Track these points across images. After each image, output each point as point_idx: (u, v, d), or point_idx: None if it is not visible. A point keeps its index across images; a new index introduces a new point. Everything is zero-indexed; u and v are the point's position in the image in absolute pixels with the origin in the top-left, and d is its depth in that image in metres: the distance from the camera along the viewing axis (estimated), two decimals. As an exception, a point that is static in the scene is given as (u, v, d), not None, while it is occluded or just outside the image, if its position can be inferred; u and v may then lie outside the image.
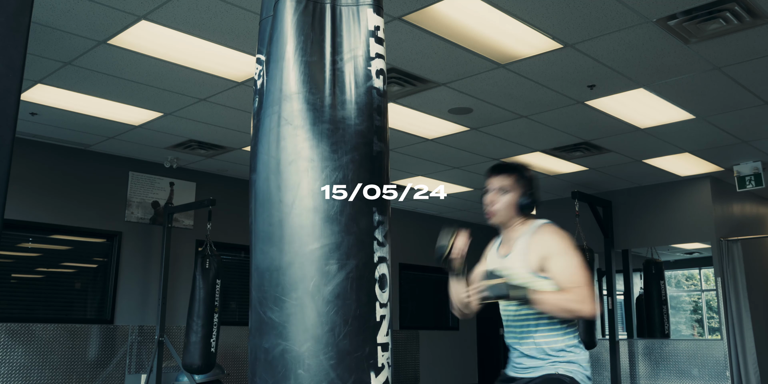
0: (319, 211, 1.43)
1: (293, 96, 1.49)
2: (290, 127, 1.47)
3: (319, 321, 1.37)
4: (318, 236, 1.41)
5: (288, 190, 1.45)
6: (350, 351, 1.38)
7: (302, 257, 1.41)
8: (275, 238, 1.44)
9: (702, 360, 7.14)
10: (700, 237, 7.46)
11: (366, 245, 1.45)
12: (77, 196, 6.51)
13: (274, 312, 1.39)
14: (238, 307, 7.57)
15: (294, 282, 1.39)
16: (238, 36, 4.14)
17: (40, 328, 6.04)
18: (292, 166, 1.45)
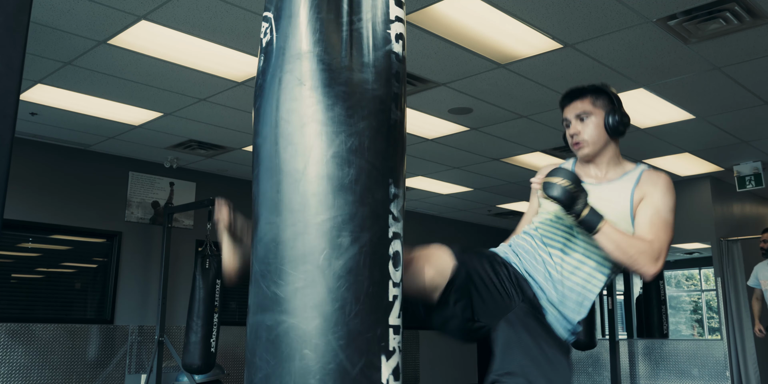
0: (333, 179, 1.31)
1: (307, 54, 1.37)
2: (303, 88, 1.35)
3: (329, 297, 1.25)
4: (330, 206, 1.29)
5: (299, 155, 1.32)
6: (361, 331, 1.26)
7: (313, 228, 1.29)
8: (283, 208, 1.32)
9: (702, 360, 7.14)
10: (700, 237, 7.46)
11: (381, 218, 1.34)
12: (77, 196, 6.51)
13: (280, 286, 1.27)
14: (237, 307, 7.57)
15: (303, 254, 1.28)
16: (238, 36, 4.13)
17: (40, 328, 6.04)
18: (304, 130, 1.33)
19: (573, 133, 2.08)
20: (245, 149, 6.56)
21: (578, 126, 2.08)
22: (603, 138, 2.07)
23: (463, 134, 6.10)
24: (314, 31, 1.39)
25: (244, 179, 7.75)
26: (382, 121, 1.39)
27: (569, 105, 2.12)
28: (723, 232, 7.47)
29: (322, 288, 1.26)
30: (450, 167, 7.27)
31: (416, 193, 8.52)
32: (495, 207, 9.44)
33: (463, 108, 5.41)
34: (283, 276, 1.28)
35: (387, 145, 1.39)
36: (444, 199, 8.84)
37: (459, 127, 5.92)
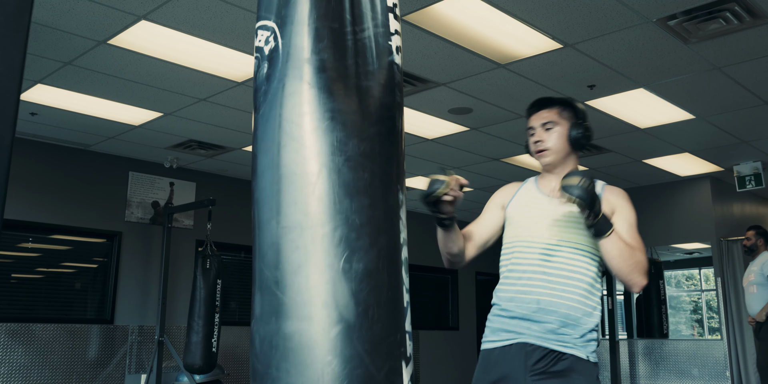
0: (349, 183, 1.30)
1: (315, 60, 1.37)
2: (313, 92, 1.34)
3: (352, 301, 1.23)
4: (347, 210, 1.28)
5: (311, 159, 1.31)
6: (383, 336, 1.24)
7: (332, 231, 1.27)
8: (297, 212, 1.29)
9: (702, 360, 7.14)
10: (700, 237, 7.46)
11: (394, 223, 1.34)
12: (77, 196, 6.51)
13: (300, 292, 1.23)
14: (238, 307, 7.57)
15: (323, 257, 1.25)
16: (238, 36, 4.14)
17: (40, 328, 6.04)
18: (317, 133, 1.32)
19: (537, 140, 2.17)
20: (245, 149, 6.57)
21: (543, 134, 2.16)
22: (566, 148, 2.17)
23: (463, 134, 6.10)
24: (321, 38, 1.40)
25: (245, 179, 7.75)
26: (390, 129, 1.41)
27: (536, 114, 2.20)
28: (723, 232, 7.47)
29: (345, 292, 1.23)
30: (450, 167, 7.27)
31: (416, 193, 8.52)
32: (495, 207, 9.43)
33: (463, 108, 5.41)
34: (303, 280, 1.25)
35: (395, 151, 1.40)
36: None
37: (459, 127, 5.92)
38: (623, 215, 2.12)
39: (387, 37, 1.49)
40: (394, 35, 1.50)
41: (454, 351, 10.00)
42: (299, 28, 1.41)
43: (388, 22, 1.51)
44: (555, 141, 2.16)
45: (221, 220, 7.21)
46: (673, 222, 7.66)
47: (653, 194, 7.85)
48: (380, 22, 1.49)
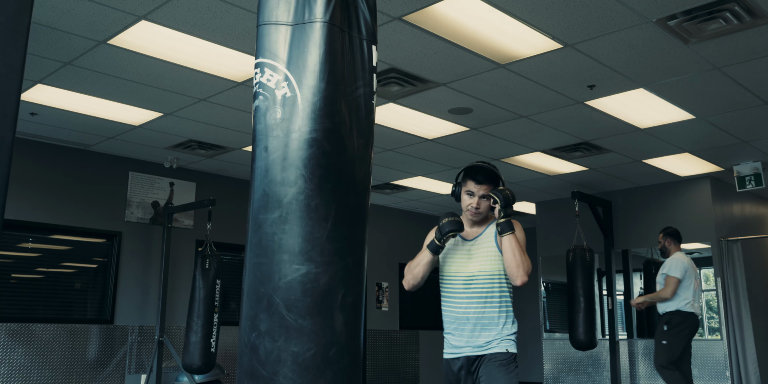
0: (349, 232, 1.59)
1: (330, 123, 1.58)
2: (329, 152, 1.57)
3: (344, 328, 1.54)
4: (346, 254, 1.57)
5: (325, 212, 1.55)
6: (359, 350, 1.59)
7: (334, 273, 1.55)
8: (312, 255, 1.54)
9: (702, 360, 7.14)
10: (700, 237, 7.46)
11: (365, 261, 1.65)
12: (77, 196, 6.51)
13: (307, 320, 1.51)
14: (237, 307, 7.57)
15: (327, 294, 1.53)
16: (238, 36, 4.14)
17: (40, 328, 6.04)
18: (329, 191, 1.56)
19: (476, 206, 2.96)
20: (245, 149, 6.56)
21: (481, 202, 2.96)
22: (488, 212, 3.02)
23: (463, 134, 6.10)
24: (334, 101, 1.60)
25: (244, 179, 7.75)
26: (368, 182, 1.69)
27: (480, 185, 2.95)
28: (723, 232, 7.47)
29: (341, 321, 1.54)
30: (450, 167, 7.27)
31: (416, 193, 8.53)
32: (495, 207, 9.43)
33: (463, 108, 5.41)
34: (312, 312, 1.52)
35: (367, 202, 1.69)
36: (444, 199, 8.84)
37: (459, 127, 5.92)
38: None
39: (371, 96, 1.69)
40: (374, 94, 1.71)
41: (454, 351, 9.98)
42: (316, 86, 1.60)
43: (372, 82, 1.70)
44: (486, 208, 2.98)
45: (221, 220, 7.21)
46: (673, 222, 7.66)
47: (653, 194, 7.85)
48: (367, 82, 1.69)
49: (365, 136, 1.66)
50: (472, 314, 2.86)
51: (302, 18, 1.63)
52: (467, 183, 2.99)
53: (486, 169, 2.97)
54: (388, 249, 9.23)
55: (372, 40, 1.71)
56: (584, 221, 7.46)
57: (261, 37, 1.66)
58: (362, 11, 1.70)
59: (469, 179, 2.98)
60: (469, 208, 2.98)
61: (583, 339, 6.48)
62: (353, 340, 1.57)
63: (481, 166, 3.00)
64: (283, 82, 1.61)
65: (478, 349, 2.84)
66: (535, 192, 8.38)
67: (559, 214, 8.50)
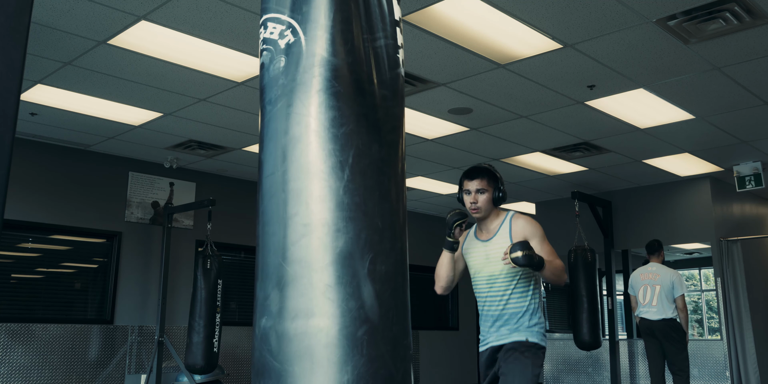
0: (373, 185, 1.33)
1: (342, 63, 1.38)
2: (340, 93, 1.36)
3: (376, 303, 1.25)
4: (372, 212, 1.31)
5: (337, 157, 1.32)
6: (400, 339, 1.28)
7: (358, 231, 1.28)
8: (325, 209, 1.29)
9: (702, 360, 7.14)
10: (700, 237, 7.46)
11: (404, 230, 1.39)
12: (77, 197, 6.51)
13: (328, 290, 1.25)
14: (238, 307, 7.57)
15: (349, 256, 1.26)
16: (238, 36, 4.14)
17: (40, 328, 6.04)
18: (344, 136, 1.33)
19: (473, 201, 3.00)
20: (245, 149, 6.56)
21: (477, 197, 3.00)
22: (491, 206, 3.03)
23: (463, 134, 6.10)
24: (346, 41, 1.41)
25: (244, 179, 7.75)
26: (399, 138, 1.44)
27: (473, 180, 3.01)
28: (723, 232, 7.47)
29: (371, 293, 1.26)
30: (450, 167, 7.27)
31: (416, 193, 8.53)
32: (495, 207, 9.43)
33: (463, 108, 5.41)
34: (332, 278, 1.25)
35: (401, 160, 1.45)
36: (444, 199, 8.84)
37: (459, 127, 5.92)
38: (536, 238, 2.92)
39: (396, 49, 1.52)
40: (400, 48, 1.54)
41: (453, 351, 10.00)
42: (323, 28, 1.42)
43: (396, 35, 1.53)
44: (485, 203, 3.00)
45: (221, 220, 7.21)
46: (673, 222, 7.66)
47: (653, 194, 7.85)
48: (390, 34, 1.52)
49: (390, 89, 1.46)
50: (495, 311, 2.95)
51: None
52: (463, 183, 3.06)
53: (476, 166, 3.06)
54: (388, 249, 9.22)
55: None
56: (584, 221, 7.46)
57: None
58: None
59: (464, 179, 3.05)
60: (470, 207, 3.01)
61: (588, 339, 6.50)
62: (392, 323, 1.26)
63: (472, 166, 3.10)
64: (286, 31, 1.45)
65: (501, 338, 2.93)
66: (535, 192, 8.38)
67: (559, 214, 8.50)
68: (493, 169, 3.06)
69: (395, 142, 1.42)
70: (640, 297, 6.16)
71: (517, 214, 3.04)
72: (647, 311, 6.06)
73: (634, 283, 6.24)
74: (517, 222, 2.99)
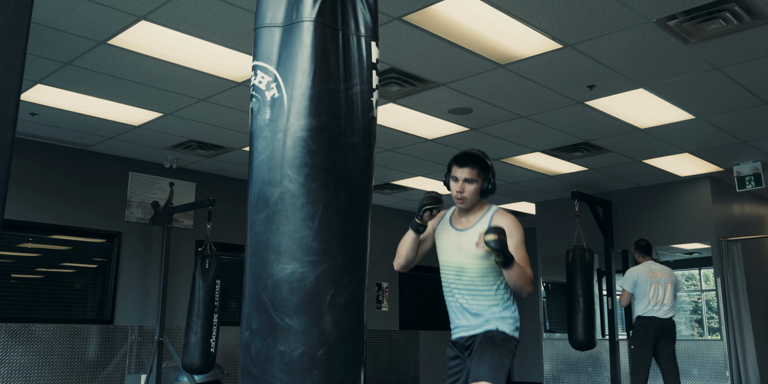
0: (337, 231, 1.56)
1: (317, 122, 1.57)
2: (314, 151, 1.56)
3: (334, 328, 1.52)
4: (336, 253, 1.55)
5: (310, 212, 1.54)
6: (353, 352, 1.56)
7: (323, 272, 1.53)
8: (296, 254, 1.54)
9: (702, 360, 7.14)
10: (700, 237, 7.46)
11: (364, 259, 1.62)
12: (77, 197, 6.51)
13: (294, 320, 1.51)
14: (237, 307, 7.57)
15: (315, 294, 1.52)
16: (238, 36, 4.14)
17: (40, 329, 6.04)
18: (315, 191, 1.55)
19: (459, 190, 2.82)
20: (245, 149, 6.56)
21: (464, 186, 2.82)
22: (477, 197, 2.86)
23: (463, 134, 6.10)
24: (321, 99, 1.59)
25: (244, 179, 7.75)
26: (367, 180, 1.66)
27: (462, 168, 2.81)
28: (723, 232, 7.47)
29: (330, 321, 1.52)
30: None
31: (416, 194, 8.53)
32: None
33: (463, 108, 5.41)
34: (299, 312, 1.51)
35: (367, 197, 1.66)
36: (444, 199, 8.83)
37: (459, 127, 5.92)
38: (514, 239, 2.75)
39: (370, 93, 1.68)
40: (374, 91, 1.70)
41: (454, 351, 9.99)
42: (303, 88, 1.60)
43: (371, 78, 1.69)
44: (471, 194, 2.83)
45: (221, 220, 7.21)
46: (673, 222, 7.66)
47: (653, 194, 7.85)
48: (365, 79, 1.68)
49: (362, 134, 1.64)
50: (463, 303, 2.84)
51: (291, 18, 1.63)
52: (452, 168, 2.87)
53: (469, 152, 2.86)
54: (388, 249, 9.23)
55: (371, 37, 1.70)
56: (584, 221, 7.46)
57: (257, 40, 1.68)
58: (360, 8, 1.69)
59: (453, 164, 2.87)
60: (455, 195, 2.85)
61: (582, 339, 6.49)
62: (346, 342, 1.54)
63: (465, 151, 2.89)
64: (272, 84, 1.62)
65: (471, 329, 2.82)
66: (535, 192, 8.38)
67: (559, 214, 8.50)
68: (486, 158, 2.87)
69: (362, 187, 1.64)
70: (651, 295, 6.06)
71: (502, 210, 2.89)
72: (659, 309, 6.01)
73: (642, 281, 6.11)
74: (499, 218, 2.83)
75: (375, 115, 1.69)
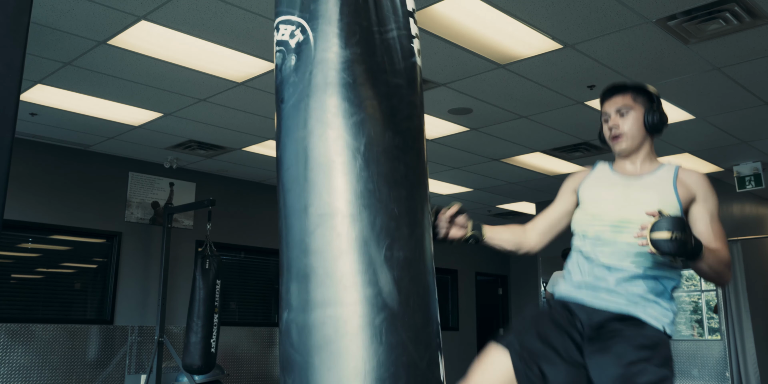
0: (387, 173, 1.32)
1: (350, 54, 1.39)
2: (350, 83, 1.37)
3: (395, 289, 1.23)
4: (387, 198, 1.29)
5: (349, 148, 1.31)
6: (423, 325, 1.26)
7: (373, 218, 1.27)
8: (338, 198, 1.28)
9: (702, 360, 7.14)
10: (700, 237, 7.45)
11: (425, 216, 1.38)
12: (77, 197, 6.51)
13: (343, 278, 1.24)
14: (237, 307, 7.57)
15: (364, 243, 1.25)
16: (238, 36, 4.14)
17: (40, 329, 6.04)
18: (355, 125, 1.33)
19: (612, 125, 2.11)
20: (245, 149, 6.56)
21: (618, 120, 2.11)
22: (641, 133, 2.11)
23: (463, 134, 6.10)
24: (353, 33, 1.42)
25: (244, 179, 7.75)
26: (418, 125, 1.44)
27: (610, 99, 2.15)
28: (723, 232, 7.47)
29: (388, 279, 1.23)
30: (450, 167, 7.26)
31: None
32: (495, 207, 9.44)
33: (463, 108, 5.41)
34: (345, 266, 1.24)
35: (422, 147, 1.43)
36: (444, 199, 8.84)
37: (459, 128, 5.92)
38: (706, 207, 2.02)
39: (409, 39, 1.54)
40: (414, 38, 1.56)
41: (453, 351, 10.00)
42: (330, 23, 1.43)
43: (409, 25, 1.56)
44: (631, 126, 2.10)
45: (221, 220, 7.21)
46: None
47: (653, 194, 7.84)
48: (402, 25, 1.54)
49: (405, 78, 1.45)
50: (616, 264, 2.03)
51: None
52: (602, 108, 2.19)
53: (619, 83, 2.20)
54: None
55: None
56: (584, 221, 7.46)
57: None
58: None
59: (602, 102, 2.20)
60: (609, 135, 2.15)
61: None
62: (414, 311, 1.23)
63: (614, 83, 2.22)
64: (296, 30, 1.46)
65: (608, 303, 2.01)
66: (535, 192, 8.38)
67: (559, 214, 8.49)
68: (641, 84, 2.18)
69: (411, 130, 1.40)
70: None
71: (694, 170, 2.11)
72: None
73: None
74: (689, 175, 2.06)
75: (417, 63, 1.52)
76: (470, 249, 10.39)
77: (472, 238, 2.10)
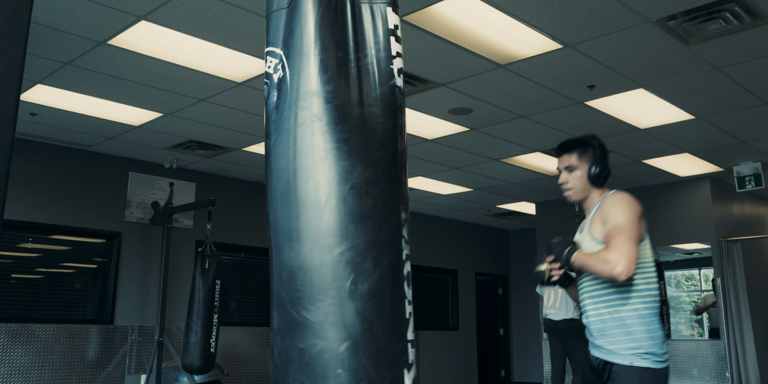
0: (354, 209, 1.41)
1: (321, 92, 1.47)
2: (320, 124, 1.45)
3: (358, 320, 1.36)
4: (353, 234, 1.40)
5: (320, 188, 1.42)
6: (387, 349, 1.38)
7: (339, 255, 1.39)
8: (308, 237, 1.41)
9: (702, 360, 7.14)
10: (700, 237, 7.46)
11: (396, 243, 1.46)
12: (77, 197, 6.51)
13: (311, 312, 1.38)
14: (237, 307, 7.57)
15: (331, 280, 1.38)
16: (238, 36, 4.14)
17: (40, 329, 6.04)
18: (324, 164, 1.43)
19: (562, 181, 2.42)
20: (245, 149, 6.56)
21: (567, 176, 2.41)
22: (586, 186, 2.39)
23: (463, 134, 6.10)
24: (326, 69, 1.48)
25: (244, 180, 7.75)
26: (392, 153, 1.50)
27: (560, 157, 2.43)
28: (723, 232, 7.47)
29: (351, 311, 1.36)
30: (450, 167, 7.27)
31: (416, 194, 8.53)
32: (495, 207, 9.44)
33: (463, 108, 5.41)
34: (314, 302, 1.38)
35: (396, 174, 1.50)
36: (444, 199, 8.84)
37: (459, 128, 5.92)
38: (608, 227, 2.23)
39: (389, 61, 1.56)
40: (395, 58, 1.58)
41: (453, 351, 10.00)
42: (305, 59, 1.50)
43: (389, 45, 1.57)
44: (575, 182, 2.39)
45: (221, 220, 7.21)
46: (673, 222, 7.66)
47: (653, 194, 7.85)
48: (382, 47, 1.57)
49: (381, 104, 1.51)
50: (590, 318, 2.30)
51: None
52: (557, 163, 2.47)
53: (567, 139, 2.47)
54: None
55: (387, 3, 1.60)
56: (584, 221, 7.45)
57: (267, 27, 1.61)
58: None
59: (557, 156, 2.47)
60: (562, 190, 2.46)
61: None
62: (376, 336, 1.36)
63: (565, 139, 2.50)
64: (278, 65, 1.54)
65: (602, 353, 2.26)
66: (535, 192, 8.38)
67: (558, 214, 8.50)
68: (588, 139, 2.42)
69: (384, 160, 1.48)
70: (545, 299, 6.51)
71: (612, 194, 2.32)
72: (552, 312, 6.42)
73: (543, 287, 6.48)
74: (605, 202, 2.30)
75: (397, 84, 1.56)
76: (470, 249, 10.39)
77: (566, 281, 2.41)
